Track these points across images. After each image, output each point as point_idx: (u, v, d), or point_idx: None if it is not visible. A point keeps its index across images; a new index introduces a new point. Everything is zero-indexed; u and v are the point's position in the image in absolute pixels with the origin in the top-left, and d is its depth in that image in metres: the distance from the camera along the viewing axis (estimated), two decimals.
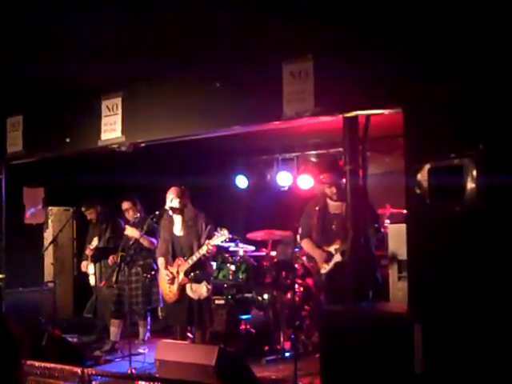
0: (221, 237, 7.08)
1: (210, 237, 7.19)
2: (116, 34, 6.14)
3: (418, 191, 5.12)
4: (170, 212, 7.44)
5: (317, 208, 7.37)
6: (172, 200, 7.41)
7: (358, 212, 6.00)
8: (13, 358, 2.50)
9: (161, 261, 7.54)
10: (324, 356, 5.41)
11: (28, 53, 6.64)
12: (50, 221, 11.60)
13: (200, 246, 7.22)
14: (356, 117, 5.89)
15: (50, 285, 10.30)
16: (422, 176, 5.10)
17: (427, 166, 5.09)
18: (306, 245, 7.43)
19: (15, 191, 9.91)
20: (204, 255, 7.19)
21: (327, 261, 7.07)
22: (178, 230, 7.48)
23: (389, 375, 4.97)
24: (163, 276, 7.47)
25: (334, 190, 7.18)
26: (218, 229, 7.14)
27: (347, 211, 6.12)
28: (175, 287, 7.33)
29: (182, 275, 7.27)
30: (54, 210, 11.58)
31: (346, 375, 5.20)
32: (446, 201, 4.98)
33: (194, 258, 7.21)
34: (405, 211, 5.54)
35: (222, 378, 5.89)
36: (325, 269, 7.11)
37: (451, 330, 4.72)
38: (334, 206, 7.27)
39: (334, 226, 7.21)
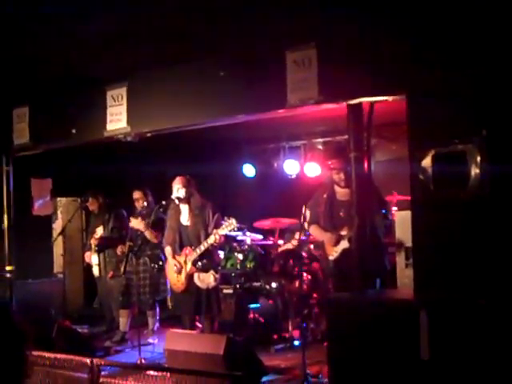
0: (228, 226, 7.08)
1: (217, 226, 7.19)
2: (119, 24, 6.14)
3: (421, 178, 5.10)
4: (177, 201, 7.45)
5: (325, 195, 7.35)
6: (178, 190, 7.42)
7: (363, 199, 5.99)
8: (18, 349, 2.52)
9: (168, 250, 7.57)
10: (331, 344, 5.41)
11: (32, 44, 6.65)
12: (59, 212, 11.64)
13: (207, 236, 7.23)
14: (360, 104, 5.87)
15: (60, 276, 10.35)
16: (426, 162, 5.08)
17: (431, 153, 5.07)
18: (315, 230, 7.42)
19: (23, 183, 9.94)
20: (212, 244, 7.19)
21: (337, 243, 7.04)
22: (185, 219, 7.49)
23: (395, 362, 4.98)
24: (171, 266, 7.49)
25: (342, 176, 7.14)
26: (226, 218, 7.13)
27: (353, 198, 6.11)
28: (183, 277, 7.35)
29: (189, 265, 7.29)
30: (62, 200, 11.62)
31: (352, 363, 5.20)
32: (450, 187, 4.97)
33: (202, 247, 7.21)
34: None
35: (231, 367, 5.90)
36: (333, 255, 7.10)
37: (457, 316, 4.72)
38: (341, 192, 7.25)
39: (341, 213, 7.18)
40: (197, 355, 6.10)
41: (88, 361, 5.63)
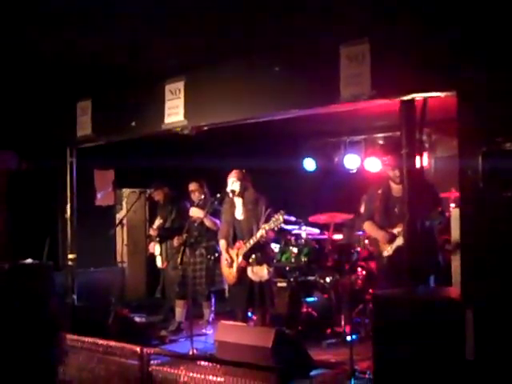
0: (275, 221, 7.09)
1: (267, 221, 7.23)
2: (180, 19, 6.23)
3: (471, 175, 5.03)
4: (231, 195, 7.52)
5: (380, 191, 7.30)
6: (233, 183, 7.49)
7: (414, 196, 5.94)
8: (52, 337, 2.62)
9: (222, 243, 7.66)
10: (376, 340, 5.40)
11: (96, 39, 6.80)
12: (123, 203, 11.88)
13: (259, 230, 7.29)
14: (412, 100, 5.81)
15: (122, 265, 10.57)
16: (476, 160, 5.01)
17: (481, 150, 4.99)
18: (369, 227, 7.39)
19: (86, 174, 10.21)
20: (261, 239, 7.24)
21: (390, 242, 7.00)
22: (238, 213, 7.56)
23: (440, 361, 4.94)
24: (223, 259, 7.59)
25: (397, 172, 7.08)
26: (275, 214, 7.16)
27: (404, 194, 6.07)
28: (234, 270, 7.43)
29: (240, 258, 7.36)
30: (127, 191, 11.85)
31: (397, 360, 5.18)
32: (500, 185, 4.89)
33: (251, 241, 7.27)
34: None
35: (279, 360, 5.95)
36: (387, 252, 7.07)
37: (504, 316, 4.66)
38: (397, 189, 7.19)
39: (396, 209, 7.12)
40: (246, 347, 6.17)
41: (138, 349, 5.76)
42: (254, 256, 7.34)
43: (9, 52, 7.20)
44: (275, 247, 8.82)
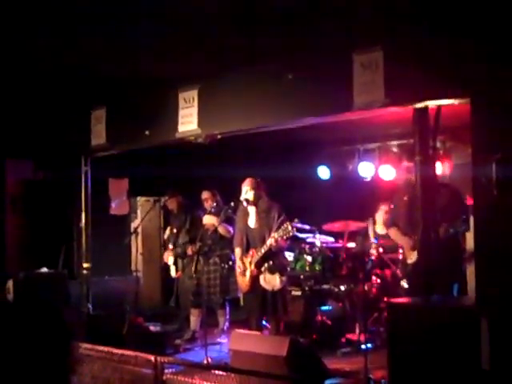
0: (284, 230, 7.10)
1: (278, 229, 7.23)
2: (192, 28, 6.27)
3: (485, 182, 5.00)
4: (245, 203, 7.52)
5: (405, 198, 7.28)
6: (247, 192, 7.50)
7: (428, 203, 5.92)
8: (64, 346, 2.62)
9: (237, 251, 7.68)
10: (391, 349, 5.38)
11: (109, 48, 6.85)
12: (138, 211, 11.90)
13: None
14: (426, 107, 5.80)
15: (137, 274, 10.58)
16: (490, 167, 4.98)
17: (495, 158, 4.96)
18: (393, 233, 7.42)
19: (101, 183, 10.24)
20: (272, 247, 7.23)
21: (414, 249, 6.97)
22: (252, 221, 7.56)
23: (455, 371, 4.91)
24: (237, 266, 7.61)
25: None
26: (285, 223, 7.15)
27: (418, 202, 6.05)
28: (247, 278, 7.43)
29: (252, 266, 7.36)
30: (141, 200, 11.88)
31: (412, 369, 5.16)
32: None
33: (263, 250, 7.29)
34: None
35: (293, 369, 5.93)
36: (411, 259, 7.04)
37: None
38: None
39: None
40: (260, 356, 6.16)
41: (152, 358, 5.76)
42: (266, 265, 7.35)
43: (25, 63, 7.26)
44: (289, 255, 8.80)
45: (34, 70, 7.57)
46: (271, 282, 7.35)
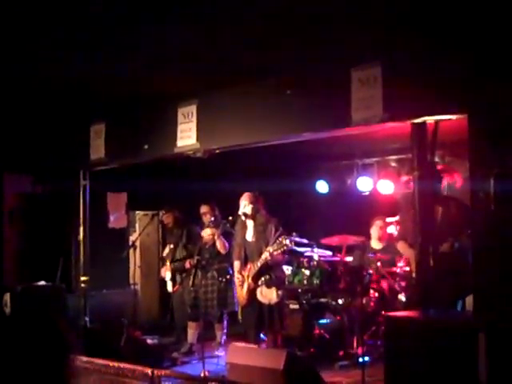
0: (279, 244, 7.16)
1: (274, 243, 7.28)
2: (190, 44, 6.30)
3: (483, 197, 5.04)
4: (243, 217, 7.57)
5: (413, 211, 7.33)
6: (245, 206, 7.55)
7: (426, 218, 5.96)
8: (60, 358, 2.63)
9: (236, 264, 7.75)
10: (388, 362, 5.40)
11: (108, 63, 6.88)
12: (137, 225, 11.92)
13: None
14: (424, 123, 5.85)
15: (134, 287, 10.58)
16: (488, 182, 5.02)
17: (493, 172, 5.01)
18: (401, 246, 7.48)
19: (99, 197, 10.27)
20: (267, 261, 7.27)
21: None
22: (249, 235, 7.62)
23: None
24: (235, 278, 7.71)
25: None
26: (281, 237, 7.20)
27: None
28: (244, 291, 7.46)
29: (249, 280, 7.40)
30: (140, 214, 11.90)
31: (409, 382, 5.17)
32: (511, 207, 4.90)
33: (259, 263, 7.34)
34: None
35: (290, 382, 5.93)
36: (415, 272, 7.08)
37: None
38: None
39: None
40: (257, 369, 6.15)
41: (149, 371, 5.76)
42: (263, 279, 7.39)
43: (24, 78, 7.29)
44: (287, 269, 8.82)
45: (34, 85, 7.59)
46: (268, 295, 7.38)
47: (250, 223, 7.60)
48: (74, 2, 5.25)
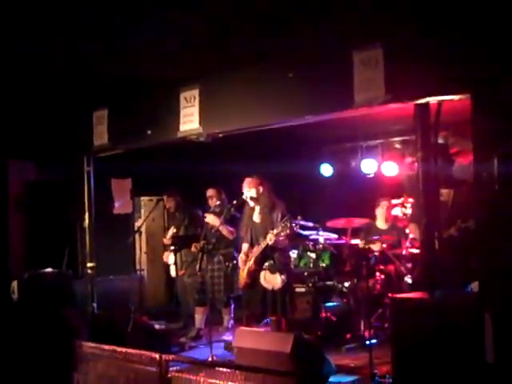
0: (283, 227, 7.18)
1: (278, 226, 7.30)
2: (191, 28, 6.28)
3: (486, 178, 5.02)
4: (249, 201, 7.60)
5: None
6: (248, 191, 7.58)
7: (430, 200, 5.94)
8: (66, 343, 2.64)
9: (244, 247, 7.85)
10: (395, 344, 5.41)
11: (110, 49, 6.86)
12: (142, 211, 11.94)
13: None
14: (427, 103, 5.82)
15: (141, 273, 10.61)
16: (491, 163, 5.00)
17: (496, 153, 4.98)
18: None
19: (103, 183, 10.27)
20: (272, 243, 7.28)
21: None
22: (256, 217, 7.68)
23: (460, 364, 4.94)
24: (239, 259, 7.82)
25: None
26: (283, 221, 7.21)
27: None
28: (245, 273, 7.55)
29: (251, 261, 7.45)
30: (144, 200, 11.91)
31: (416, 364, 5.19)
32: None
33: (262, 245, 7.41)
34: None
35: (298, 365, 5.95)
36: None
37: None
38: (444, 193, 7.18)
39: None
40: (264, 353, 6.17)
41: (157, 356, 5.78)
42: (267, 264, 7.41)
43: (26, 64, 7.28)
44: (293, 253, 8.84)
45: (36, 72, 7.58)
46: (271, 281, 7.42)
47: (255, 207, 7.68)
48: None
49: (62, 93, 8.52)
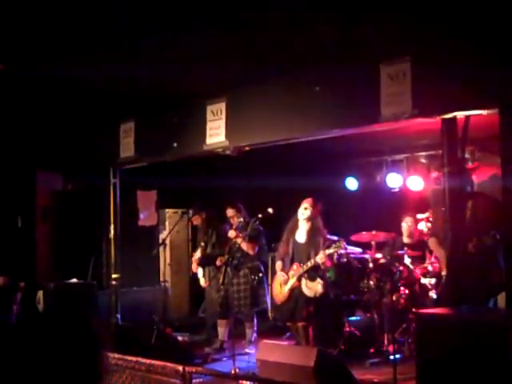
0: (336, 248, 7.43)
1: (328, 247, 7.52)
2: (219, 41, 6.32)
3: None
4: (302, 220, 7.75)
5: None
6: (306, 208, 7.75)
7: (457, 215, 5.91)
8: (92, 354, 2.64)
9: (278, 264, 7.93)
10: (419, 360, 5.37)
11: (137, 62, 6.92)
12: (166, 223, 11.97)
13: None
14: (454, 118, 5.79)
15: (165, 285, 10.63)
16: None
17: None
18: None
19: (129, 195, 10.33)
20: (320, 264, 7.49)
21: None
22: (301, 236, 7.80)
23: (485, 381, 4.88)
24: (278, 277, 7.85)
25: None
26: (336, 241, 7.39)
27: (446, 214, 6.04)
28: (286, 289, 7.65)
29: (294, 279, 7.59)
30: (169, 212, 11.94)
31: (441, 380, 5.14)
32: None
33: (309, 264, 7.51)
34: None
35: (321, 380, 5.92)
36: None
37: None
38: None
39: None
40: (288, 366, 6.14)
41: (180, 368, 5.78)
42: (306, 275, 7.51)
43: (56, 76, 7.36)
44: None
45: (65, 85, 7.66)
46: (313, 288, 7.59)
47: (303, 226, 7.78)
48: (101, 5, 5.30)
49: (89, 105, 8.61)
